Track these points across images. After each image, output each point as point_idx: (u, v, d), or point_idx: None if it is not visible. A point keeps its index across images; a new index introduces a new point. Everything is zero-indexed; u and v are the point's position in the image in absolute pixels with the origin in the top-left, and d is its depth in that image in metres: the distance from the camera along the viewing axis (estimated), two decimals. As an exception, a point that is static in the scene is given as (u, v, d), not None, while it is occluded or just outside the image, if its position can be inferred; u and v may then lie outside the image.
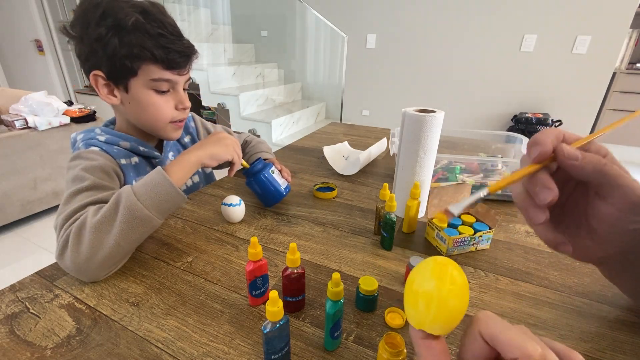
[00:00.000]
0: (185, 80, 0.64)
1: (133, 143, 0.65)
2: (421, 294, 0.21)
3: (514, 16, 2.51)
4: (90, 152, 0.59)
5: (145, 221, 0.46)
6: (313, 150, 1.06)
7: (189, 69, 0.62)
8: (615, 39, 2.32)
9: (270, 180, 0.64)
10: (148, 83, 0.58)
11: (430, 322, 0.21)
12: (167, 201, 0.49)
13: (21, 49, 4.12)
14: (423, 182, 0.60)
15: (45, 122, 1.89)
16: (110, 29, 0.53)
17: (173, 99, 0.62)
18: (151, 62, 0.56)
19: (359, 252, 0.54)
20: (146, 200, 0.47)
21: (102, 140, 0.62)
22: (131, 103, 0.60)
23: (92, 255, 0.44)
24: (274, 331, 0.30)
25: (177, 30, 0.59)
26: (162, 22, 0.56)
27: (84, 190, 0.51)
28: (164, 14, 0.58)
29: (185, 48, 0.59)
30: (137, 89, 0.58)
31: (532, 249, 0.55)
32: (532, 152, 0.28)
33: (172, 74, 0.59)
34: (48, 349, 0.36)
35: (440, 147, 0.62)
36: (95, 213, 0.46)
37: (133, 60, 0.55)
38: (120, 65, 0.55)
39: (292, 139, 2.70)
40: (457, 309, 0.21)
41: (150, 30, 0.55)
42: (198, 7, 3.29)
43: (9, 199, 1.83)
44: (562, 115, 2.58)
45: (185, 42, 0.60)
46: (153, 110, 0.60)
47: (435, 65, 2.88)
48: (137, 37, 0.54)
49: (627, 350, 0.37)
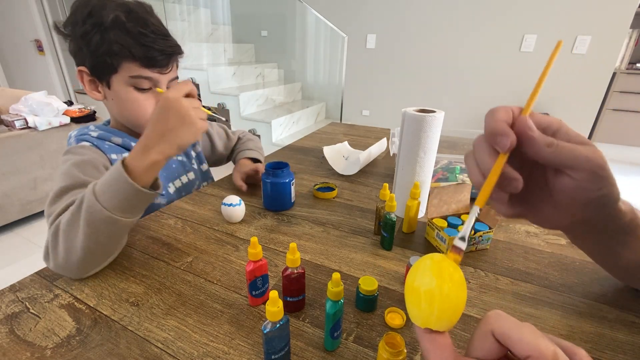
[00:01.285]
0: (171, 79, 0.64)
1: (125, 139, 0.66)
2: (423, 293, 0.21)
3: (514, 16, 2.51)
4: (81, 147, 0.60)
5: (108, 222, 0.43)
6: (313, 150, 1.06)
7: (172, 68, 0.63)
8: (615, 39, 2.32)
9: (290, 190, 0.65)
10: (128, 80, 0.59)
11: (435, 319, 0.21)
12: (127, 199, 0.44)
13: (21, 49, 4.11)
14: (423, 182, 0.60)
15: (45, 122, 1.89)
16: (93, 27, 0.55)
17: (154, 97, 0.62)
18: (131, 59, 0.57)
19: (359, 252, 0.54)
20: (105, 200, 0.43)
21: (94, 136, 0.64)
22: (114, 99, 0.61)
23: (68, 258, 0.44)
24: (274, 331, 0.30)
25: (160, 29, 0.59)
26: (145, 20, 0.57)
27: (70, 189, 0.51)
28: (149, 13, 0.59)
29: (167, 47, 0.59)
30: (118, 85, 0.59)
31: (532, 249, 0.55)
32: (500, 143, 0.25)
33: (153, 72, 0.59)
34: (48, 349, 0.36)
35: (440, 147, 0.62)
36: (66, 215, 0.45)
37: (113, 57, 0.56)
38: (101, 62, 0.57)
39: (292, 139, 2.70)
40: (459, 303, 0.21)
41: (131, 28, 0.56)
42: (198, 7, 3.29)
43: (9, 199, 1.83)
44: (562, 115, 2.58)
45: (169, 41, 0.60)
46: (133, 107, 0.61)
47: (435, 65, 2.88)
48: (116, 34, 0.55)
49: (627, 350, 0.37)
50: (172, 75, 0.64)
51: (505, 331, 0.19)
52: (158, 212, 0.65)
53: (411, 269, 0.23)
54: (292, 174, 0.66)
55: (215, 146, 0.88)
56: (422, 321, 0.21)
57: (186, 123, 0.46)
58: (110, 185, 0.43)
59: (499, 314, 0.20)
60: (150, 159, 0.45)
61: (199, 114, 0.48)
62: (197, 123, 0.47)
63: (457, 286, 0.21)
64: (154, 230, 0.58)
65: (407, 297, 0.23)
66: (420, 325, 0.22)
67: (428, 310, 0.21)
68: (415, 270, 0.23)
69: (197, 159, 0.83)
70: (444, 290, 0.21)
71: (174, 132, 0.46)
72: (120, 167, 0.43)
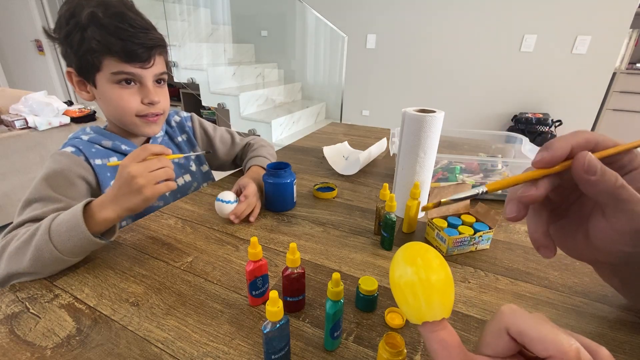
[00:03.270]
0: (158, 74, 0.63)
1: (116, 142, 0.66)
2: (404, 286, 0.21)
3: (514, 16, 2.51)
4: (61, 154, 0.60)
5: (55, 260, 0.45)
6: (313, 150, 1.06)
7: (155, 61, 0.61)
8: (615, 39, 2.32)
9: (292, 191, 0.65)
10: (110, 77, 0.59)
11: (426, 309, 0.20)
12: (79, 245, 0.45)
13: (21, 49, 4.11)
14: (423, 182, 0.60)
15: (45, 122, 1.89)
16: (74, 27, 0.55)
17: (139, 93, 0.62)
18: (110, 55, 0.57)
19: (359, 252, 0.54)
20: (58, 242, 0.44)
21: (84, 139, 0.64)
22: (101, 98, 0.61)
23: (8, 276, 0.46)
24: (274, 331, 0.30)
25: (140, 23, 0.58)
26: (122, 14, 0.56)
27: (33, 202, 0.53)
28: (127, 7, 0.58)
29: (147, 40, 0.58)
30: (102, 83, 0.59)
31: (532, 249, 0.55)
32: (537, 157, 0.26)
33: (134, 67, 0.59)
34: (48, 349, 0.36)
35: (440, 147, 0.62)
36: (19, 238, 0.47)
37: (94, 55, 0.56)
38: (85, 61, 0.57)
39: (292, 139, 2.70)
40: (443, 283, 0.20)
41: (107, 23, 0.55)
42: (198, 7, 3.29)
43: (9, 199, 1.83)
44: (562, 115, 2.58)
45: (150, 34, 0.59)
46: (117, 103, 0.61)
47: (435, 65, 2.88)
48: (93, 31, 0.55)
49: (627, 350, 0.37)
50: (156, 70, 0.62)
51: (524, 329, 0.18)
52: (158, 212, 0.65)
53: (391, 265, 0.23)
54: (294, 174, 0.66)
55: (216, 150, 0.85)
56: (417, 316, 0.21)
57: (132, 191, 0.47)
58: (68, 229, 0.45)
59: (513, 310, 0.19)
60: (105, 214, 0.47)
61: (152, 177, 0.48)
62: (144, 191, 0.47)
63: (435, 266, 0.20)
64: (154, 230, 0.58)
65: (395, 296, 0.22)
66: (417, 321, 0.21)
67: (416, 303, 0.20)
68: (392, 266, 0.22)
69: (196, 161, 0.82)
70: (422, 276, 0.20)
71: (123, 197, 0.48)
72: (79, 214, 0.45)
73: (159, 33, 0.62)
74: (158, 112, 0.65)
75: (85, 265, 0.49)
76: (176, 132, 0.80)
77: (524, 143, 0.82)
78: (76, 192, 0.58)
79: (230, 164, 0.89)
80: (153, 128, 0.66)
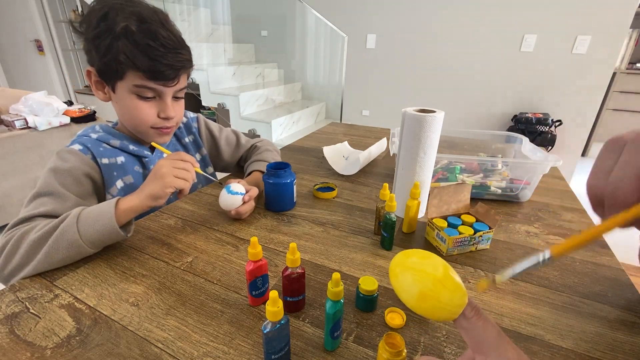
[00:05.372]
0: (178, 90, 0.64)
1: (124, 141, 0.66)
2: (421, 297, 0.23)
3: (514, 16, 2.51)
4: (68, 152, 0.60)
5: (72, 245, 0.47)
6: (313, 150, 1.06)
7: (179, 80, 0.62)
8: (615, 39, 2.32)
9: (292, 191, 0.65)
10: (132, 88, 0.59)
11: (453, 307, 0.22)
12: (101, 233, 0.48)
13: (21, 49, 4.11)
14: (423, 182, 0.60)
15: (45, 122, 1.89)
16: (105, 32, 0.55)
17: (157, 107, 0.62)
18: (136, 70, 0.57)
19: (359, 252, 0.54)
20: (82, 226, 0.47)
21: (93, 138, 0.64)
22: (118, 103, 0.62)
23: (12, 270, 0.47)
24: (274, 331, 0.30)
25: (172, 42, 0.58)
26: (155, 33, 0.56)
27: (44, 195, 0.54)
28: (162, 24, 0.58)
29: (176, 62, 0.58)
30: (122, 91, 0.60)
31: (532, 249, 0.55)
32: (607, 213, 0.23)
33: (157, 84, 0.59)
34: (48, 349, 0.36)
35: (440, 147, 0.62)
36: (38, 230, 0.48)
37: (120, 65, 0.56)
38: (108, 67, 0.57)
39: (292, 139, 2.70)
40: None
41: (139, 40, 0.55)
42: (198, 7, 3.29)
43: (9, 199, 1.83)
44: (562, 115, 2.58)
45: (180, 55, 0.59)
46: (134, 113, 0.62)
47: (435, 65, 2.88)
48: (124, 44, 0.55)
49: (627, 350, 0.37)
50: (178, 86, 0.63)
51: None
52: (158, 212, 0.65)
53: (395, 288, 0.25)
54: (294, 174, 0.66)
55: (220, 152, 0.85)
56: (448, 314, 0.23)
57: (157, 177, 0.53)
58: (96, 215, 0.49)
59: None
60: (128, 201, 0.52)
61: (175, 172, 0.54)
62: (166, 177, 0.53)
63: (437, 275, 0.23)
64: (154, 230, 0.58)
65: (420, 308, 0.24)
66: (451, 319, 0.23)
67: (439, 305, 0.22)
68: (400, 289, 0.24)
69: (201, 162, 0.82)
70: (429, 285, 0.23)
71: (147, 184, 0.54)
72: (112, 203, 0.50)
73: (189, 52, 0.61)
74: (172, 125, 0.66)
75: (85, 265, 0.49)
76: (183, 133, 0.80)
77: (524, 143, 0.82)
78: (83, 190, 0.59)
79: (235, 165, 0.89)
80: (164, 138, 0.68)
